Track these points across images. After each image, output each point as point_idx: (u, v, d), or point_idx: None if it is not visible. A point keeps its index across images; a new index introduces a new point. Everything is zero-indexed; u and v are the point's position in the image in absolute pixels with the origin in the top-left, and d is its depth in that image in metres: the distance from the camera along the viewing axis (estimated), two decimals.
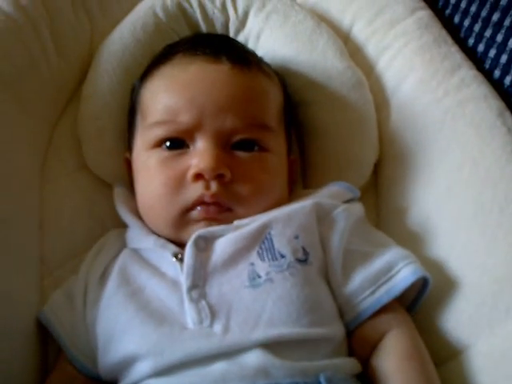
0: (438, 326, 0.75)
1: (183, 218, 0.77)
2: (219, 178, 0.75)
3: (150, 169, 0.80)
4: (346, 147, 0.95)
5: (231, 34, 1.05)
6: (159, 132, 0.80)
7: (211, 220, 0.76)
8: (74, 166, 0.97)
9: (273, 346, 0.64)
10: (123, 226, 0.88)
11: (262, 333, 0.65)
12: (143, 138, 0.83)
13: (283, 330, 0.66)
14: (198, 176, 0.75)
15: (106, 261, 0.81)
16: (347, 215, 0.79)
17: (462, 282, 0.74)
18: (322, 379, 0.62)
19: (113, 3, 1.06)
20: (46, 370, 0.79)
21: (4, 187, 0.81)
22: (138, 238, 0.82)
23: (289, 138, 0.92)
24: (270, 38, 1.01)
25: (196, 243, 0.72)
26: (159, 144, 0.80)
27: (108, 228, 0.90)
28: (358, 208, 0.83)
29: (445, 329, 0.74)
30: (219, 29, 1.05)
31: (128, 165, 0.90)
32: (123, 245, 0.84)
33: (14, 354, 0.74)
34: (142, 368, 0.66)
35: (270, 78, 0.88)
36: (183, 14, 1.02)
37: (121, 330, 0.70)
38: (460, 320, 0.73)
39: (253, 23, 1.02)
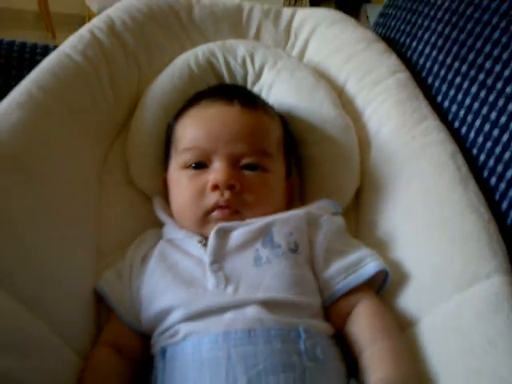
0: (394, 306, 0.89)
1: (205, 218, 0.95)
2: (230, 188, 0.92)
3: (181, 183, 0.98)
4: (334, 177, 1.10)
5: (248, 85, 1.20)
6: (187, 157, 0.98)
7: (225, 220, 0.93)
8: (122, 181, 1.13)
9: (267, 304, 0.81)
10: (158, 227, 1.04)
11: (260, 295, 0.82)
12: (176, 161, 1.01)
13: (276, 295, 0.82)
14: (215, 187, 0.93)
15: (146, 249, 0.98)
16: (330, 222, 0.95)
17: (413, 275, 0.88)
18: (300, 329, 0.78)
19: (157, 57, 1.22)
20: (99, 326, 0.93)
21: (77, 191, 0.99)
22: (171, 231, 0.99)
23: (288, 163, 1.07)
24: (279, 89, 1.16)
25: (218, 232, 0.91)
26: (187, 166, 0.98)
27: (146, 228, 1.05)
28: (339, 219, 0.98)
29: (398, 308, 0.88)
30: (239, 80, 1.20)
31: (164, 183, 1.06)
32: (158, 238, 1.00)
33: (80, 314, 0.90)
34: (175, 316, 0.82)
35: (272, 117, 1.05)
36: (211, 67, 1.19)
37: (161, 291, 0.87)
38: (409, 302, 0.87)
39: (266, 77, 1.18)
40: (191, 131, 1.01)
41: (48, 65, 1.05)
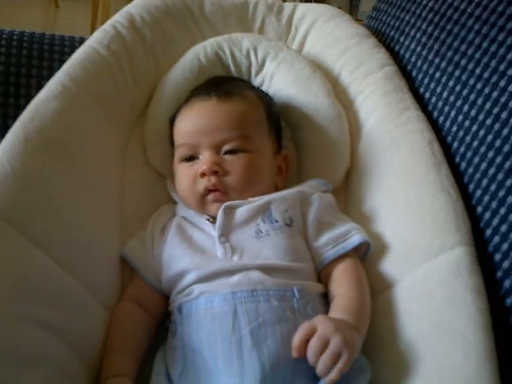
0: (373, 272, 1.00)
1: (203, 201, 1.06)
2: (215, 173, 1.04)
3: (179, 175, 1.11)
4: (326, 160, 1.21)
5: (252, 75, 1.30)
6: (180, 152, 1.11)
7: (218, 201, 1.04)
8: (142, 162, 1.23)
9: (267, 269, 0.93)
10: (173, 202, 1.15)
11: (261, 261, 0.95)
12: (176, 154, 1.13)
13: (274, 262, 0.95)
14: (203, 174, 1.05)
15: (164, 221, 1.10)
16: (321, 199, 1.06)
17: (390, 246, 1.00)
18: (295, 289, 0.91)
19: (171, 49, 1.32)
20: (123, 287, 1.04)
21: (104, 170, 1.10)
22: (183, 210, 1.11)
23: (278, 138, 1.18)
24: (279, 79, 1.26)
25: (225, 210, 1.02)
26: (182, 159, 1.10)
27: (163, 204, 1.16)
28: (329, 196, 1.09)
29: (376, 274, 0.99)
30: (244, 71, 1.30)
31: None
32: (174, 213, 1.13)
33: (107, 275, 1.02)
34: (190, 277, 0.95)
35: (250, 102, 1.13)
36: (219, 60, 1.28)
37: (178, 256, 1.00)
38: (386, 269, 0.99)
39: (268, 68, 1.28)
40: (181, 129, 1.13)
41: (78, 58, 1.16)
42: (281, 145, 1.20)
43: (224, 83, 1.19)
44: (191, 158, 1.10)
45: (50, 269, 0.89)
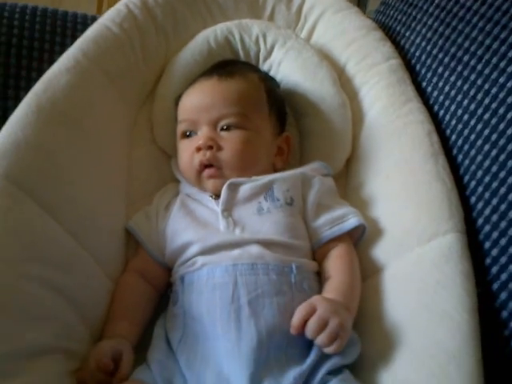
0: (367, 254, 1.04)
1: (199, 177, 1.09)
2: (210, 148, 1.07)
3: (181, 150, 1.14)
4: (328, 146, 1.23)
5: (260, 61, 1.31)
6: (182, 127, 1.14)
7: (213, 177, 1.08)
8: (149, 140, 1.26)
9: (267, 244, 0.97)
10: (177, 181, 1.18)
11: (261, 236, 0.98)
12: (178, 130, 1.16)
13: (273, 237, 0.98)
14: (198, 149, 1.07)
15: (169, 198, 1.14)
16: (321, 183, 1.10)
17: (386, 230, 1.04)
18: (293, 265, 0.95)
19: (182, 31, 1.33)
20: (126, 260, 1.08)
21: (112, 146, 1.13)
22: (187, 187, 1.13)
23: (280, 120, 1.20)
24: (287, 66, 1.28)
25: (229, 186, 1.05)
26: (183, 135, 1.14)
27: (168, 180, 1.19)
28: (329, 180, 1.13)
29: (371, 256, 1.04)
30: (252, 56, 1.31)
31: None
32: (178, 192, 1.15)
33: (113, 246, 1.06)
34: (193, 249, 0.99)
35: (251, 82, 1.16)
36: (228, 44, 1.30)
37: (182, 229, 1.03)
38: (380, 251, 1.03)
39: (276, 55, 1.29)
40: (183, 105, 1.16)
41: (91, 35, 1.18)
42: (283, 128, 1.23)
43: (228, 65, 1.22)
44: (191, 134, 1.13)
45: (58, 234, 0.92)
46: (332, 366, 0.87)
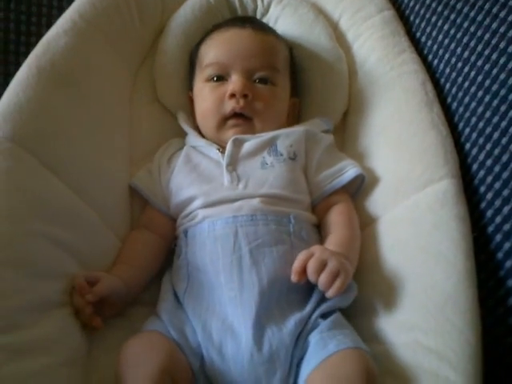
0: (366, 203, 1.05)
1: (223, 124, 1.08)
2: (245, 97, 1.06)
3: (205, 93, 1.11)
4: (326, 100, 1.22)
5: (257, 17, 1.29)
6: (209, 71, 1.11)
7: (238, 126, 1.07)
8: (149, 99, 1.24)
9: (268, 198, 0.97)
10: (181, 137, 1.17)
11: (264, 190, 0.98)
12: (201, 75, 1.13)
13: (276, 191, 0.98)
14: (232, 95, 1.06)
15: (171, 152, 1.12)
16: (324, 139, 1.10)
17: (382, 179, 1.04)
18: (291, 216, 0.95)
19: None
20: (131, 218, 1.08)
21: (113, 107, 1.12)
22: (194, 139, 1.12)
23: (294, 84, 1.19)
24: (284, 22, 1.27)
25: (234, 141, 1.05)
26: (210, 79, 1.11)
27: (170, 138, 1.17)
28: (330, 137, 1.12)
29: (369, 205, 1.05)
30: (250, 13, 1.30)
31: (190, 99, 1.19)
32: (181, 145, 1.14)
33: (119, 205, 1.06)
34: (196, 203, 0.99)
35: (279, 40, 1.17)
36: (226, 1, 1.28)
37: (187, 184, 1.03)
38: (378, 200, 1.04)
39: (273, 11, 1.28)
40: (212, 50, 1.13)
41: None
42: (294, 92, 1.21)
43: (254, 20, 1.23)
44: (219, 79, 1.11)
45: (63, 192, 0.92)
46: (327, 309, 0.88)
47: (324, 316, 0.87)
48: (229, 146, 1.05)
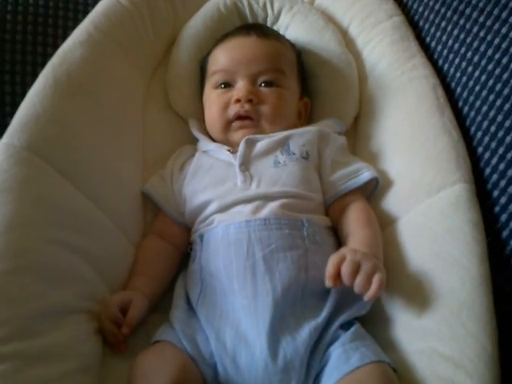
0: (380, 207, 1.03)
1: (228, 126, 1.08)
2: (250, 101, 1.06)
3: (212, 99, 1.12)
4: (337, 105, 1.21)
5: (268, 25, 1.28)
6: (216, 78, 1.12)
7: (244, 128, 1.07)
8: (161, 106, 1.23)
9: (281, 198, 0.94)
10: (193, 143, 1.16)
11: (276, 188, 0.96)
12: (209, 83, 1.14)
13: (288, 189, 0.96)
14: (237, 100, 1.06)
15: (183, 159, 1.11)
16: (337, 139, 1.09)
17: (396, 183, 1.02)
18: (304, 220, 0.93)
19: (189, 2, 1.31)
20: (144, 223, 1.08)
21: (127, 113, 1.11)
22: (205, 144, 1.11)
23: (302, 86, 1.18)
24: (294, 30, 1.26)
25: (246, 142, 1.04)
26: (217, 86, 1.12)
27: (181, 145, 1.16)
28: (342, 138, 1.11)
29: (383, 209, 1.02)
30: (260, 21, 1.29)
31: (203, 107, 1.17)
32: (193, 152, 1.12)
33: (132, 211, 1.05)
34: (212, 206, 0.97)
35: (284, 44, 1.16)
36: (237, 10, 1.28)
37: (201, 189, 1.01)
38: (392, 204, 1.01)
39: (283, 19, 1.28)
40: (219, 58, 1.14)
41: (101, 9, 1.17)
42: (303, 93, 1.21)
43: (260, 27, 1.22)
44: (226, 85, 1.11)
45: (78, 199, 0.92)
46: (345, 319, 0.86)
47: (343, 327, 0.85)
48: (241, 146, 1.04)
